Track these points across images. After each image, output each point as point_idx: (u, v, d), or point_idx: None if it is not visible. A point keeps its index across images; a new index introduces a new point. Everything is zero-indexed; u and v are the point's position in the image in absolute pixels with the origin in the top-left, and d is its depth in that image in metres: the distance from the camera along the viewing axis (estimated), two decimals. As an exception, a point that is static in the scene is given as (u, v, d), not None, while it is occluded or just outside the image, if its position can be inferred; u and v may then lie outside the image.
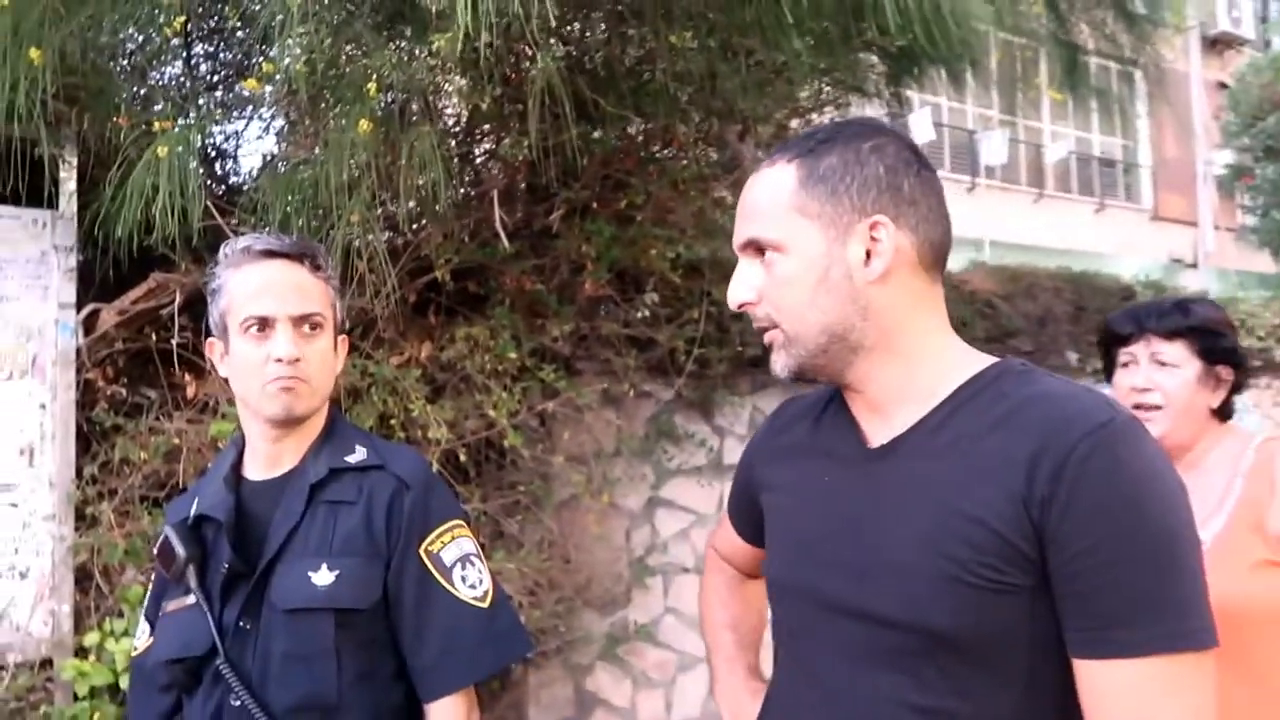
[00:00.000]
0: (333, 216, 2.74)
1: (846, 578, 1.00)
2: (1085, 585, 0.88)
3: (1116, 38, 4.85)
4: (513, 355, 3.55)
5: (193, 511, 1.39)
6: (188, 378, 3.19)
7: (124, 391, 3.19)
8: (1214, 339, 1.62)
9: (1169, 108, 10.61)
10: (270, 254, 1.35)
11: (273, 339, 1.31)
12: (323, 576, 1.28)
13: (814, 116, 4.81)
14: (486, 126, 3.55)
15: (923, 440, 0.99)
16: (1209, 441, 1.63)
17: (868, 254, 0.99)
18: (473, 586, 1.36)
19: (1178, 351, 1.61)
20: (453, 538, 1.38)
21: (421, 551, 1.34)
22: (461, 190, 3.53)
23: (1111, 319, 1.71)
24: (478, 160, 3.67)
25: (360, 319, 3.43)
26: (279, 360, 1.30)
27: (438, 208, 2.56)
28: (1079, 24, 4.88)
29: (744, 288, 1.04)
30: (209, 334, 1.43)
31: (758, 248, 1.03)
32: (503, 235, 3.18)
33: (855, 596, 0.98)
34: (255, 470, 1.41)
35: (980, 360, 1.02)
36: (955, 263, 6.05)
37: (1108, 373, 1.71)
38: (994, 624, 0.91)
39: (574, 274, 3.73)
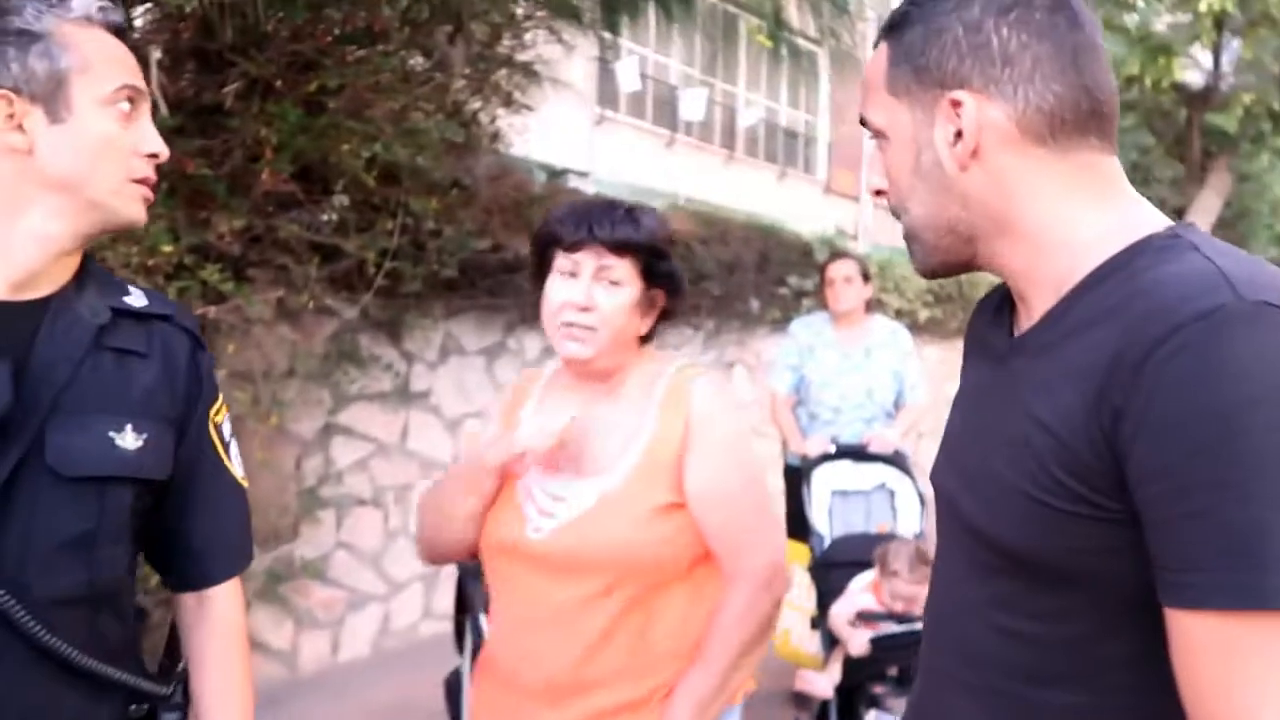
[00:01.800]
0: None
1: (961, 482, 0.92)
2: (1159, 516, 0.72)
3: (809, 15, 5.08)
4: (168, 249, 3.04)
5: None
6: None
7: None
8: (659, 259, 1.47)
9: (844, 90, 11.54)
10: (121, 31, 1.12)
11: (140, 126, 1.09)
12: (129, 439, 1.07)
13: (526, 34, 4.60)
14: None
15: (1039, 337, 0.86)
16: (629, 368, 1.50)
17: (958, 134, 0.86)
18: (239, 464, 1.25)
19: (625, 269, 1.43)
20: (225, 409, 1.24)
21: (209, 422, 1.20)
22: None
23: (556, 217, 1.47)
24: (135, 11, 3.06)
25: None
26: (152, 155, 1.09)
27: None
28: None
29: (875, 174, 0.95)
30: None
31: (874, 132, 0.93)
32: (162, 103, 2.67)
33: (962, 502, 0.91)
34: None
35: (1130, 236, 0.83)
36: (658, 205, 6.14)
37: (540, 278, 1.49)
38: (1067, 548, 0.79)
39: (250, 163, 3.25)
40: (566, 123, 5.92)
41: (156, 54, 2.82)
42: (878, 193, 0.96)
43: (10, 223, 1.05)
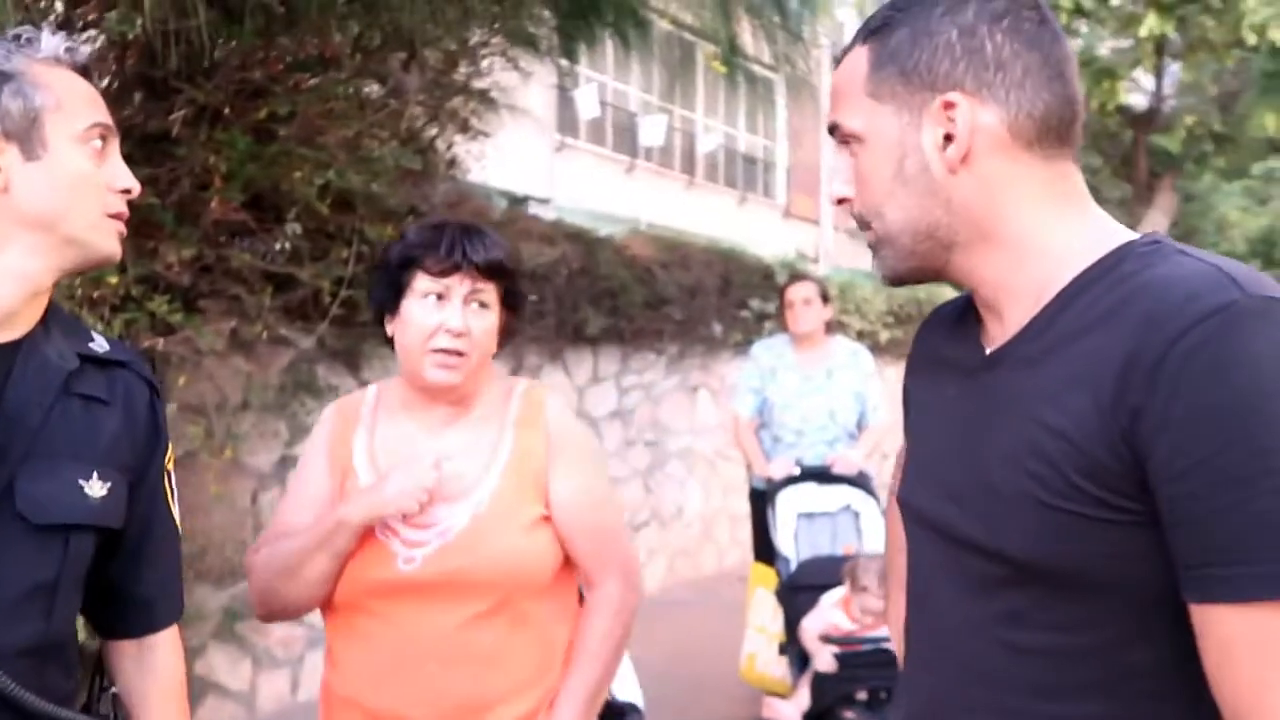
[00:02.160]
0: None
1: (947, 499, 0.89)
2: (1187, 512, 0.72)
3: (765, 42, 5.12)
4: (113, 280, 2.96)
5: None
6: None
7: None
8: (515, 282, 1.49)
9: (801, 116, 11.65)
10: (87, 72, 1.12)
11: (112, 162, 1.09)
12: (95, 487, 1.07)
13: (483, 61, 4.59)
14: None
15: (1025, 346, 0.85)
16: (479, 389, 1.50)
17: (947, 138, 0.85)
18: (176, 508, 1.25)
19: (492, 293, 1.44)
20: (172, 456, 1.25)
21: (164, 471, 1.21)
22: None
23: (417, 240, 1.43)
24: (79, 35, 2.99)
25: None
26: (125, 191, 1.10)
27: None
28: (740, 20, 5.09)
29: (839, 182, 0.93)
30: None
31: (843, 138, 0.91)
32: (104, 131, 2.60)
33: (951, 519, 0.89)
34: None
35: (1107, 244, 0.84)
36: (616, 232, 6.13)
37: (397, 299, 1.44)
38: (1086, 554, 0.78)
39: (199, 191, 3.18)
40: (526, 149, 5.91)
41: (102, 82, 2.76)
42: (840, 200, 0.95)
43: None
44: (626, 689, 2.03)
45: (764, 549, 3.70)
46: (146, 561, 1.18)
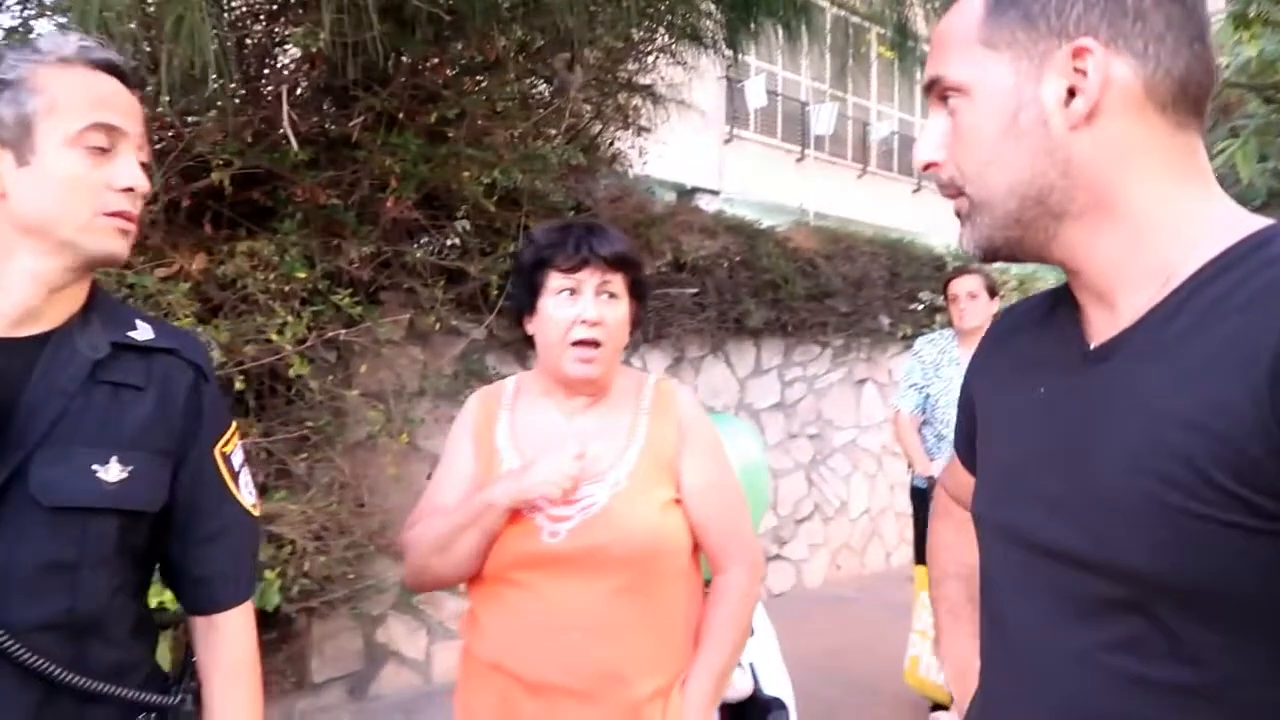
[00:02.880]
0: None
1: (1043, 508, 0.80)
2: None
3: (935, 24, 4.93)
4: (302, 275, 3.22)
5: None
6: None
7: None
8: (641, 272, 1.56)
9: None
10: (112, 68, 1.10)
11: (117, 162, 1.08)
12: (112, 472, 1.08)
13: (648, 58, 4.66)
14: (274, 8, 3.15)
15: (1151, 335, 0.75)
16: (612, 379, 1.58)
17: (1070, 91, 0.76)
18: (249, 494, 1.27)
19: (620, 283, 1.51)
20: (238, 440, 1.27)
21: (217, 453, 1.22)
22: (245, 83, 3.13)
23: (545, 241, 1.51)
24: (269, 52, 3.27)
25: (121, 222, 3.00)
26: (128, 190, 1.08)
27: (208, 80, 2.18)
28: (910, 4, 4.93)
29: (929, 144, 0.84)
30: None
31: (942, 93, 0.83)
32: (292, 138, 2.84)
33: (1047, 532, 0.79)
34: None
35: (1241, 228, 0.75)
36: (780, 224, 6.07)
37: (533, 299, 1.52)
38: (1227, 570, 0.68)
39: (377, 192, 3.41)
40: (695, 142, 5.94)
41: (289, 91, 3.00)
42: (928, 166, 0.85)
43: (4, 263, 1.07)
44: (775, 683, 2.03)
45: (926, 549, 3.59)
46: (202, 542, 1.20)
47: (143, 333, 1.16)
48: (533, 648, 1.42)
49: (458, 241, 3.74)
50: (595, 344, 1.48)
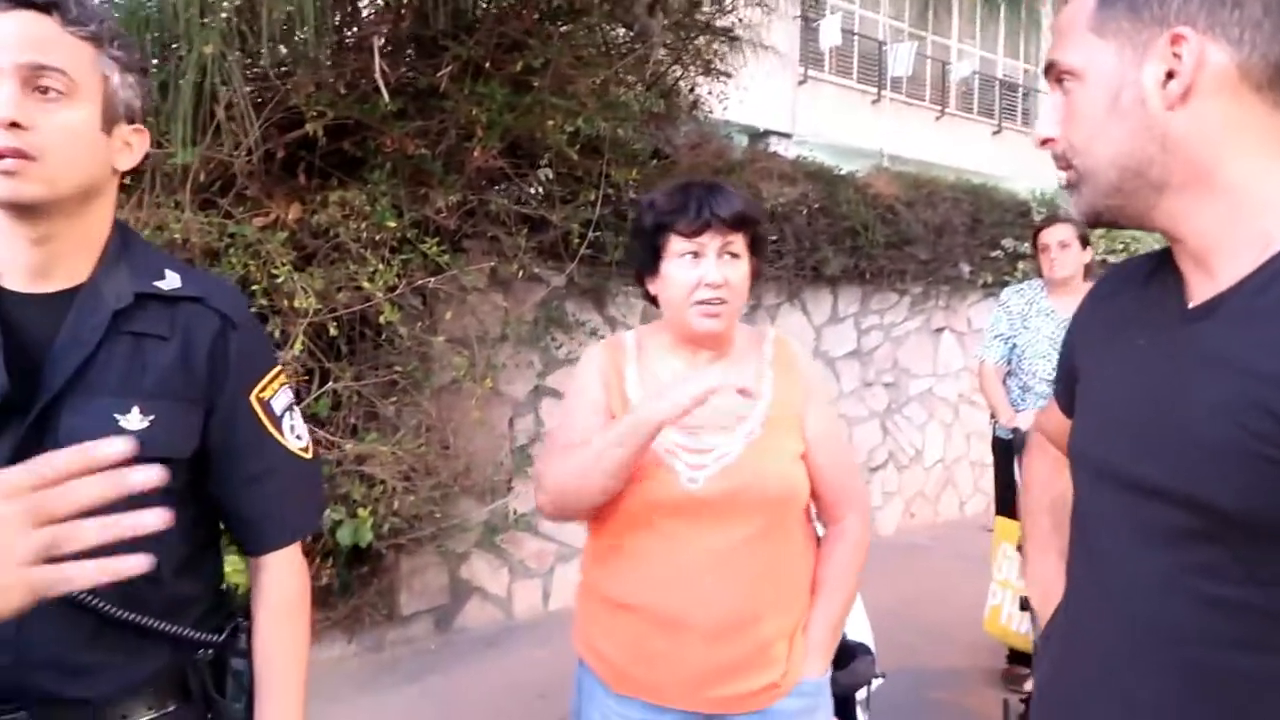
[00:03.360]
0: (183, 45, 2.40)
1: (1136, 448, 0.89)
2: None
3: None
4: (392, 224, 3.29)
5: None
6: None
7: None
8: (760, 227, 1.58)
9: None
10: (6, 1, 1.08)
11: None
12: (133, 420, 1.11)
13: (726, 0, 4.58)
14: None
15: (1246, 300, 0.83)
16: (732, 333, 1.62)
17: (1169, 75, 0.84)
18: (299, 437, 1.28)
19: (741, 243, 1.54)
20: (280, 384, 1.27)
21: (253, 399, 1.22)
22: (336, 36, 3.18)
23: (666, 206, 1.53)
24: (358, 3, 3.31)
25: (220, 173, 3.10)
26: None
27: (301, 37, 2.23)
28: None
29: (1047, 121, 0.95)
30: None
31: (1058, 76, 0.93)
32: (383, 89, 2.88)
33: (1140, 469, 0.88)
34: (16, 279, 1.14)
35: None
36: (860, 168, 5.97)
37: (654, 262, 1.54)
38: None
39: (462, 141, 3.45)
40: (768, 84, 5.83)
41: (379, 42, 3.04)
42: (1044, 141, 0.95)
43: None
44: (857, 629, 2.07)
45: (1009, 502, 3.56)
46: (244, 485, 1.22)
47: (170, 282, 1.17)
48: (670, 589, 1.47)
49: (540, 190, 3.77)
50: (720, 302, 1.51)
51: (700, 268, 1.51)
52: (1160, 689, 0.86)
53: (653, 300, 1.62)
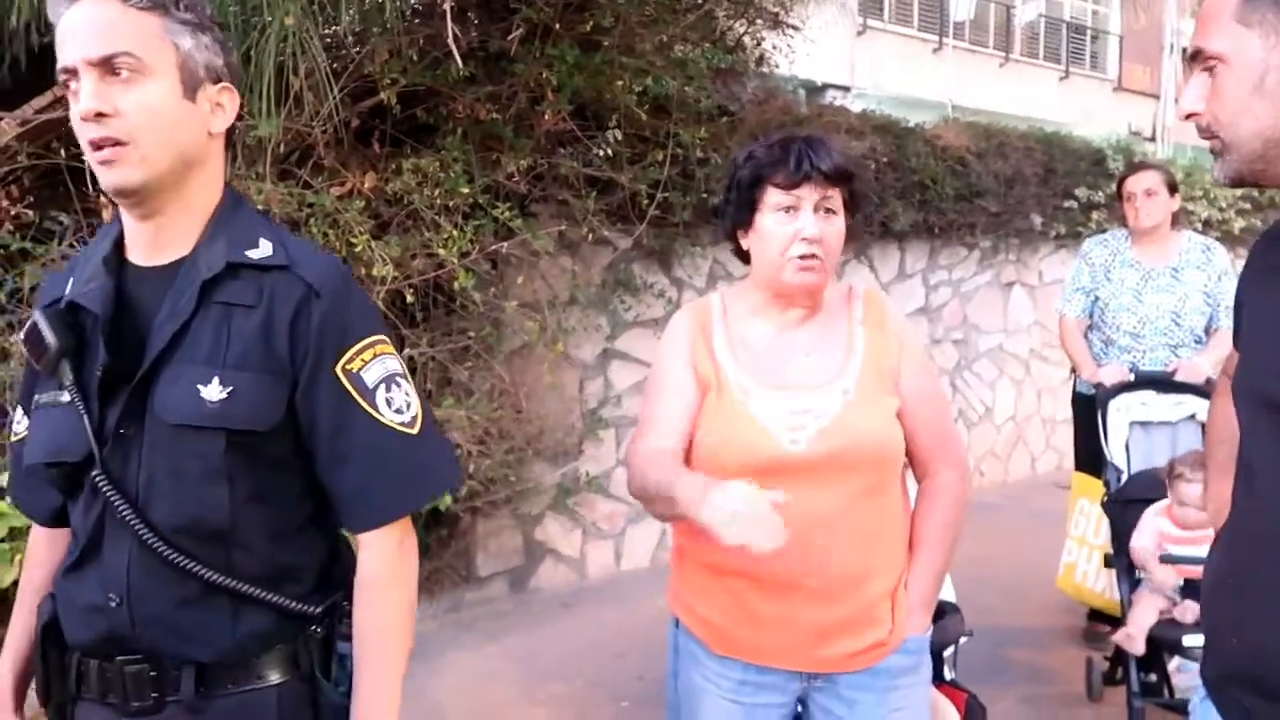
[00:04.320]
0: (264, 17, 2.41)
1: None
2: None
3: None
4: (465, 190, 3.30)
5: (66, 294, 1.16)
6: (102, 200, 2.89)
7: (31, 214, 2.89)
8: (858, 183, 1.54)
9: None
10: None
11: (79, 99, 1.08)
12: (213, 391, 1.10)
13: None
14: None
15: None
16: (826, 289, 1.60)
17: None
18: (399, 411, 1.19)
19: (838, 198, 1.51)
20: (375, 355, 1.19)
21: (339, 371, 1.16)
22: (408, 2, 3.17)
23: (766, 158, 1.50)
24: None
25: (297, 143, 3.13)
26: (83, 120, 1.07)
27: (377, 2, 2.23)
28: None
29: (1192, 98, 1.09)
30: None
31: (1205, 61, 1.07)
32: (455, 54, 2.87)
33: None
34: (138, 253, 1.17)
35: None
36: (923, 120, 5.82)
37: (750, 215, 1.52)
38: None
39: (532, 105, 3.43)
40: (826, 36, 5.69)
41: (449, 4, 3.02)
42: (1189, 116, 1.09)
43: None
44: (944, 587, 2.05)
45: (1089, 458, 3.49)
46: (334, 462, 1.17)
47: (262, 250, 1.16)
48: (778, 553, 1.41)
49: (608, 151, 3.75)
50: (813, 257, 1.48)
51: (798, 221, 1.48)
52: None
53: (744, 256, 1.59)
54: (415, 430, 1.20)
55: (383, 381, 1.18)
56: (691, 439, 1.54)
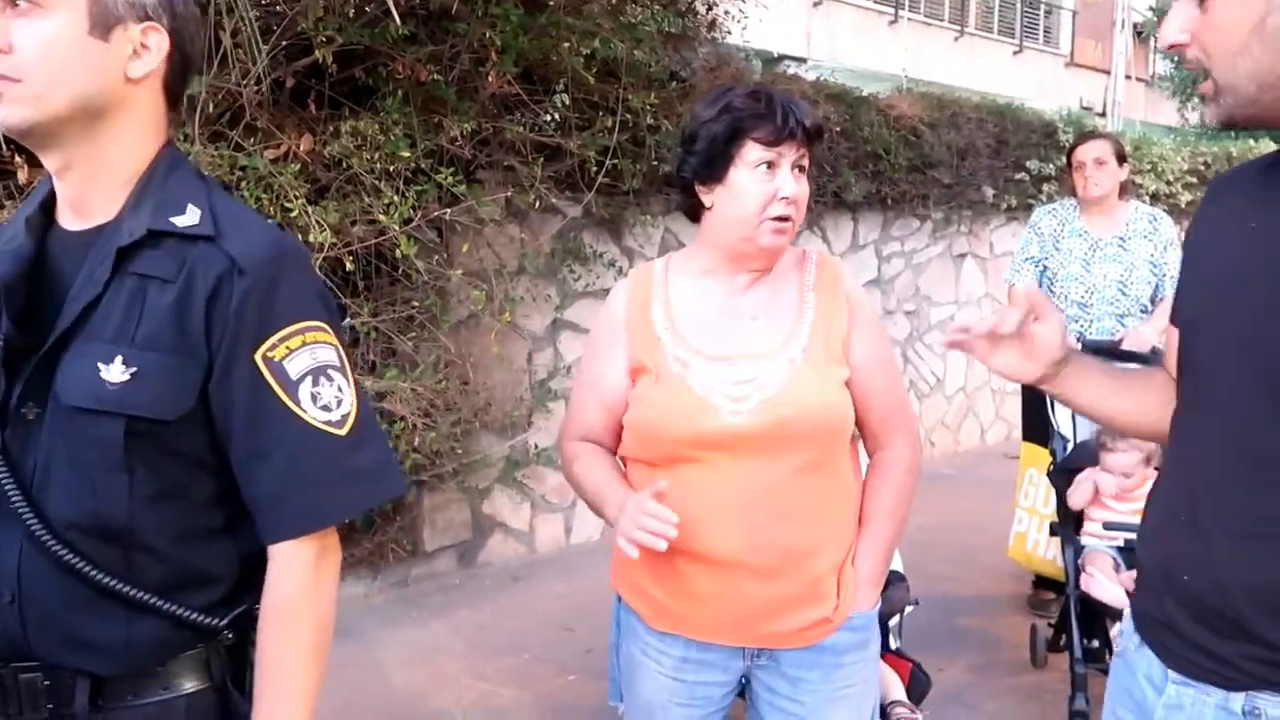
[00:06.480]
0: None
1: (1240, 307, 1.01)
2: None
3: None
4: (406, 154, 3.20)
5: None
6: (18, 160, 2.74)
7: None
8: (817, 146, 1.49)
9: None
10: None
11: None
12: (114, 372, 0.98)
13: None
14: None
15: None
16: None
17: None
18: (326, 408, 1.05)
19: (807, 158, 1.46)
20: (304, 343, 1.05)
21: (258, 358, 1.02)
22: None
23: (747, 110, 1.41)
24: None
25: (229, 104, 3.00)
26: None
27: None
28: None
29: (1176, 27, 1.02)
30: None
31: None
32: (394, 11, 2.76)
33: (1243, 319, 1.00)
34: (66, 216, 1.06)
35: None
36: (881, 90, 5.79)
37: (723, 169, 1.43)
38: None
39: (476, 67, 3.33)
40: (783, 7, 5.61)
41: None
42: (1172, 46, 1.02)
43: None
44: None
45: (1036, 429, 3.51)
46: (248, 461, 1.04)
47: (189, 218, 1.03)
48: (718, 527, 1.40)
49: (556, 117, 3.65)
50: (787, 219, 1.42)
51: (776, 180, 1.41)
52: (1261, 501, 0.99)
53: (693, 214, 1.50)
54: (343, 431, 1.06)
55: (310, 373, 1.05)
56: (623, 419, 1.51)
